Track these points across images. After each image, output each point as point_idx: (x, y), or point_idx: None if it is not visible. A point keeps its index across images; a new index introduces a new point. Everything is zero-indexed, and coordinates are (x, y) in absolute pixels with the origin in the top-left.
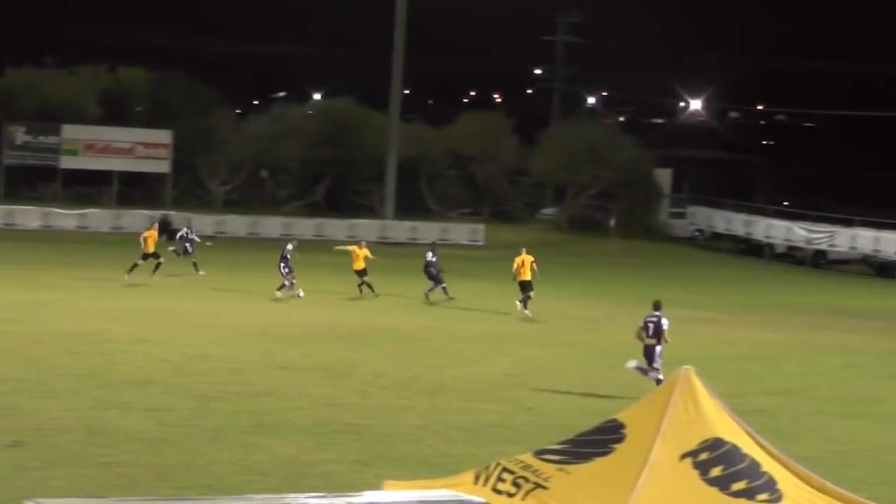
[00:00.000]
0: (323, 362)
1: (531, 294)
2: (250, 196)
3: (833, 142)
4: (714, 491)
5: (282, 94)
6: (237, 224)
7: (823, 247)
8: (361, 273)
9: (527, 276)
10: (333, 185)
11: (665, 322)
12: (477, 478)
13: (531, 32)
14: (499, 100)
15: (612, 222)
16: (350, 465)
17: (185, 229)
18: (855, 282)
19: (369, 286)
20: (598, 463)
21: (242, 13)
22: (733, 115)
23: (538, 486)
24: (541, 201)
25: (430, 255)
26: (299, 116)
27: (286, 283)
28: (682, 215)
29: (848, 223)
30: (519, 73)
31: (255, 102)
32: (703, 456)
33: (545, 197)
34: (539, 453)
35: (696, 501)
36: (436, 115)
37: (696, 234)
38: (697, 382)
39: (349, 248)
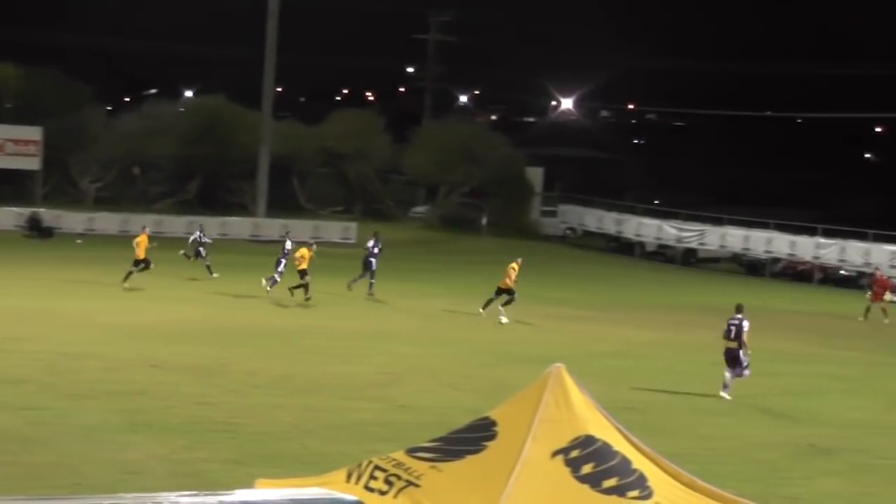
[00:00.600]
0: (196, 361)
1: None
2: (122, 193)
3: (703, 141)
4: (585, 488)
5: (153, 91)
6: (108, 221)
7: (693, 245)
8: (303, 274)
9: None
10: (206, 182)
11: (746, 324)
12: (349, 476)
13: (403, 31)
14: (371, 98)
15: (484, 220)
16: (222, 464)
17: (197, 233)
18: (725, 280)
19: (305, 288)
20: (470, 461)
21: (113, 9)
22: (605, 114)
23: (410, 484)
24: (413, 199)
25: (370, 243)
26: (171, 114)
27: (276, 278)
28: (553, 214)
29: (718, 222)
30: (391, 72)
31: (127, 100)
32: (575, 453)
33: (417, 195)
34: (411, 451)
35: (568, 498)
36: (308, 113)
37: (568, 232)
38: (569, 380)
39: (299, 252)
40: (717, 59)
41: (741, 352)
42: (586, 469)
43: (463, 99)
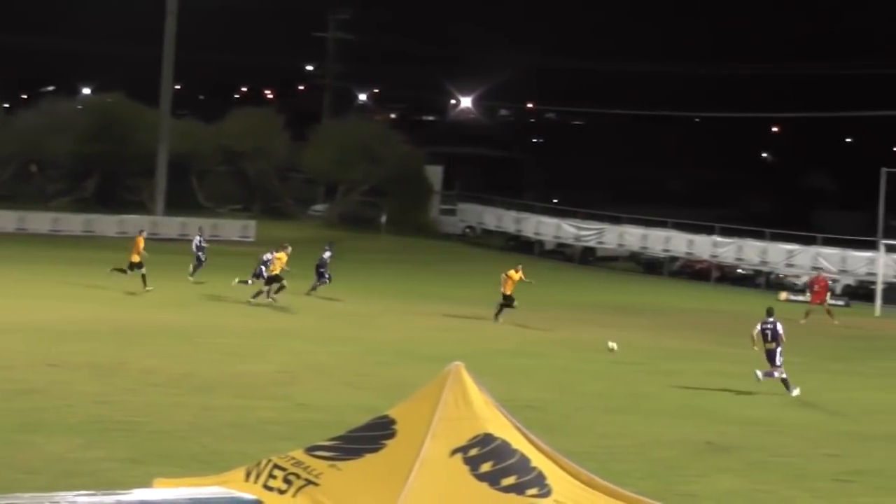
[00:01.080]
0: (93, 359)
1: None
2: (19, 191)
3: (601, 140)
4: (484, 486)
5: (51, 88)
6: (5, 219)
7: (592, 244)
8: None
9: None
10: (103, 180)
11: (780, 326)
12: (248, 475)
13: (302, 29)
14: (270, 96)
15: (383, 219)
16: (120, 463)
17: (197, 238)
18: (623, 278)
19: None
20: (369, 459)
21: (10, 5)
22: (504, 112)
23: (309, 482)
24: (312, 198)
25: (327, 253)
26: (69, 111)
27: (252, 281)
28: (452, 212)
29: (616, 221)
30: (290, 70)
31: (25, 97)
32: (474, 451)
33: (317, 193)
34: (310, 450)
35: (467, 497)
36: (207, 111)
37: (467, 230)
38: (468, 378)
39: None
40: (615, 58)
41: (778, 350)
42: (485, 467)
43: (362, 97)
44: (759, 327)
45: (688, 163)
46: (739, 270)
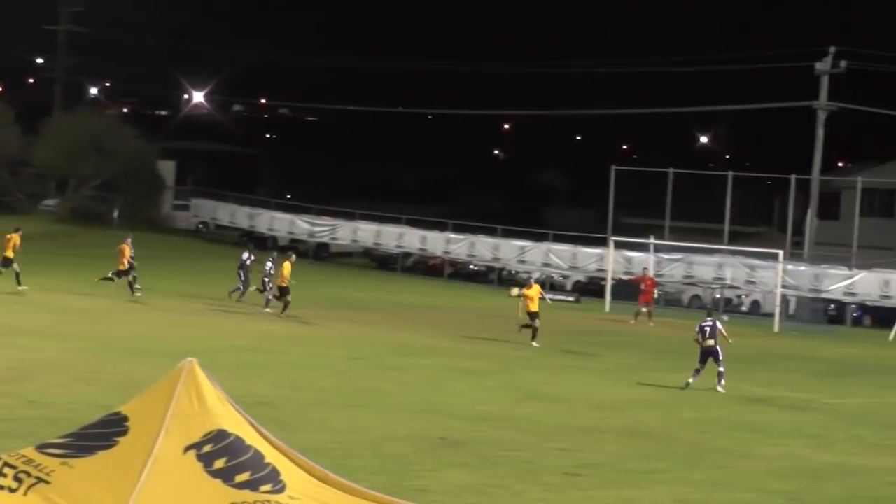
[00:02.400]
0: None
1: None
2: None
3: (335, 136)
4: (218, 483)
5: None
6: None
7: (326, 240)
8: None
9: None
10: None
11: (719, 325)
12: None
13: (33, 20)
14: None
15: (116, 214)
16: None
17: (246, 254)
18: (357, 274)
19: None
20: (102, 456)
21: None
22: (237, 108)
23: (41, 480)
24: (43, 192)
25: (245, 255)
26: None
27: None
28: (186, 207)
29: (350, 217)
30: (20, 62)
31: None
32: (207, 448)
33: (48, 188)
34: (42, 448)
35: (200, 494)
36: None
37: (200, 226)
38: (201, 374)
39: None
40: (350, 54)
41: (718, 348)
42: (219, 464)
43: (94, 91)
44: (698, 325)
45: (421, 160)
46: (472, 266)
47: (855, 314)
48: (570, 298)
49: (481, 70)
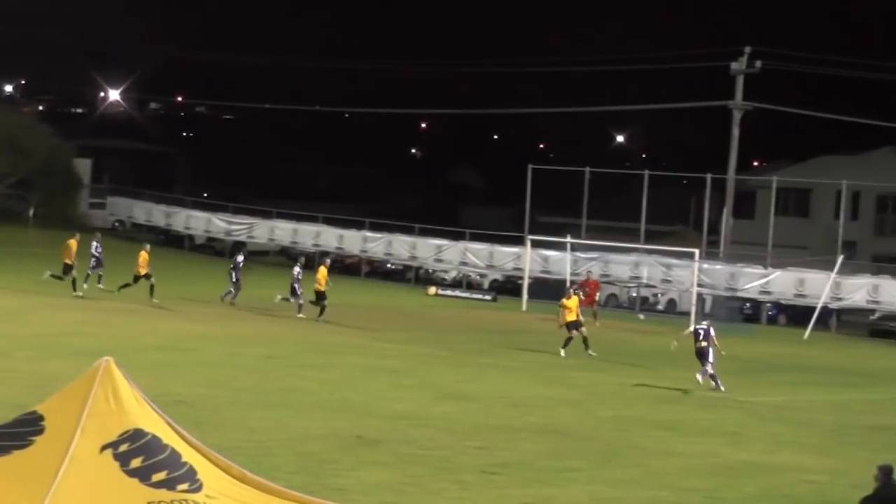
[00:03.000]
0: None
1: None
2: None
3: (252, 135)
4: (135, 482)
5: None
6: None
7: (243, 238)
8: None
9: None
10: None
11: (713, 330)
12: None
13: None
14: None
15: (31, 212)
16: None
17: (240, 257)
18: (274, 272)
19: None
20: (17, 456)
21: None
22: (154, 106)
23: None
24: None
25: (240, 258)
26: None
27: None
28: (102, 206)
29: (267, 215)
30: None
31: None
32: (124, 447)
33: None
34: None
35: (117, 493)
36: None
37: (117, 224)
38: (118, 373)
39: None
40: (266, 53)
41: (710, 349)
42: (136, 463)
43: (8, 89)
44: (692, 328)
45: (338, 158)
46: (389, 265)
47: (770, 312)
48: (487, 297)
49: (398, 69)
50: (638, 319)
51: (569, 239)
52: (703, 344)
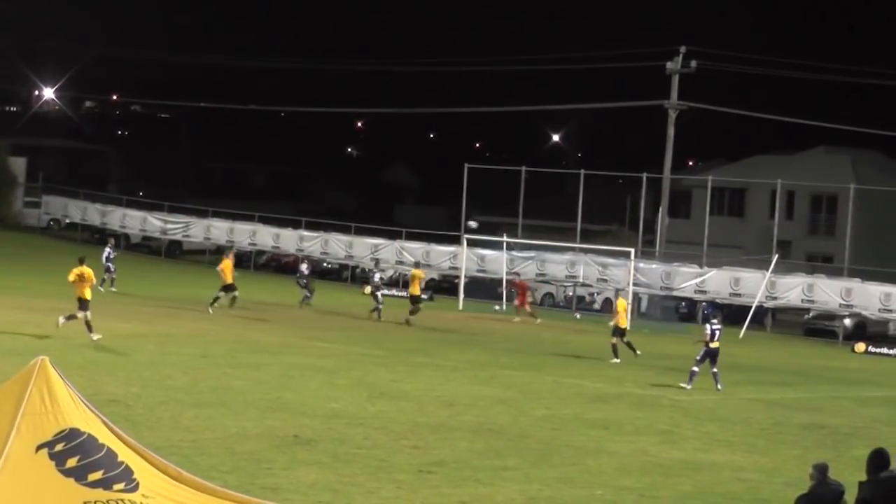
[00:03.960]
0: None
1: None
2: None
3: (188, 133)
4: (70, 482)
5: None
6: None
7: (179, 237)
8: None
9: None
10: None
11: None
12: None
13: None
14: None
15: None
16: None
17: (108, 249)
18: (210, 272)
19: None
20: None
21: None
22: (89, 104)
23: None
24: None
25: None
26: None
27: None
28: (37, 205)
29: (203, 214)
30: None
31: None
32: (59, 447)
33: None
34: None
35: (53, 493)
36: None
37: (52, 223)
38: (53, 372)
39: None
40: (201, 51)
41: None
42: (71, 462)
43: None
44: (708, 328)
45: (273, 157)
46: (326, 264)
47: (705, 311)
48: (424, 296)
49: (334, 68)
50: (574, 319)
51: (505, 238)
52: (717, 345)
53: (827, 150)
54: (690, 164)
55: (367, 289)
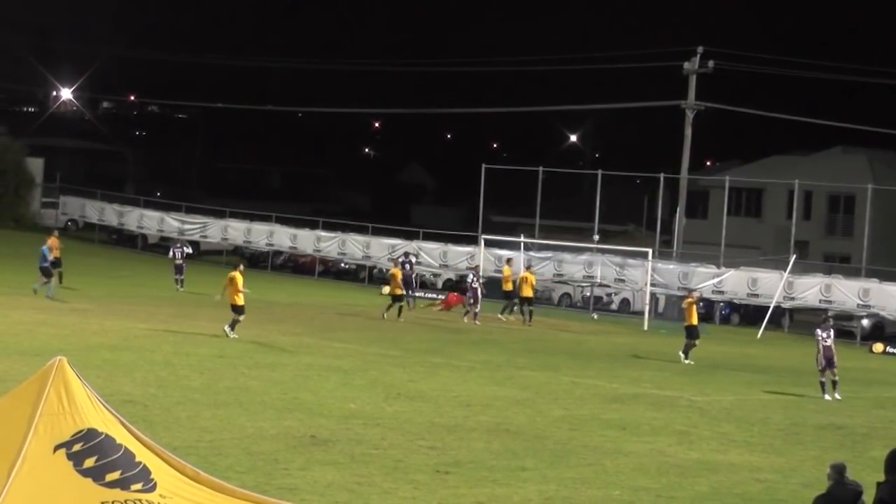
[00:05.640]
0: None
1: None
2: None
3: (205, 134)
4: (88, 482)
5: None
6: None
7: (196, 237)
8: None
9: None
10: None
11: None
12: None
13: None
14: None
15: None
16: None
17: (177, 249)
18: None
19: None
20: None
21: None
22: (106, 105)
23: None
24: None
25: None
26: None
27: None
28: (54, 205)
29: (220, 214)
30: None
31: None
32: (77, 447)
33: None
34: None
35: (71, 493)
36: None
37: (69, 224)
38: (70, 373)
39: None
40: (218, 52)
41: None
42: (89, 462)
43: None
44: (821, 336)
45: (291, 158)
46: (343, 265)
47: (723, 312)
48: (441, 296)
49: (351, 68)
50: (591, 319)
51: (522, 238)
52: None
53: (844, 151)
54: (708, 164)
55: (386, 289)
